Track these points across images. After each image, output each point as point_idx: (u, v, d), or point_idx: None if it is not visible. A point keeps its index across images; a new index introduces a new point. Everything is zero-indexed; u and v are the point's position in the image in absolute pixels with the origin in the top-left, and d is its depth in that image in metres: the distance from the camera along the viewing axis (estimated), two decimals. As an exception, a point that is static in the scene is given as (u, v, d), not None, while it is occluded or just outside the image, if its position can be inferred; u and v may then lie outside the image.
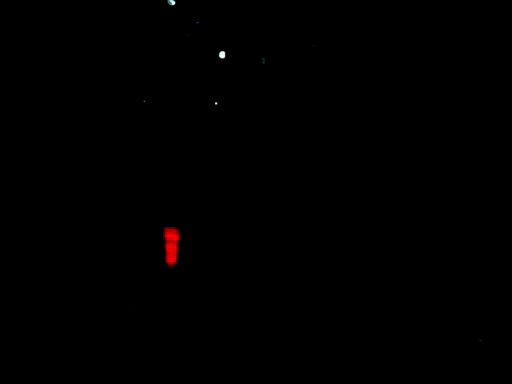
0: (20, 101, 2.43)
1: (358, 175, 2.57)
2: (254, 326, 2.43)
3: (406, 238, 2.53)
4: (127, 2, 2.48)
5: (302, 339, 2.40)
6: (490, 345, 2.35)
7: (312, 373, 2.33)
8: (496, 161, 2.54)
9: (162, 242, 2.49)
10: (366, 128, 2.59)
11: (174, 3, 2.51)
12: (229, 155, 2.56)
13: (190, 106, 2.55)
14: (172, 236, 2.50)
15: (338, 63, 2.59)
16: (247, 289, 2.50)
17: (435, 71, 2.61)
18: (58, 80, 2.44)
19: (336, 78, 2.59)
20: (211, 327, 2.42)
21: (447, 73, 2.60)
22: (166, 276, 2.48)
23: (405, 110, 2.59)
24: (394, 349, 2.39)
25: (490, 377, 2.29)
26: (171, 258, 2.48)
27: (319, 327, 2.44)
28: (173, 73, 2.54)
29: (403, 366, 2.34)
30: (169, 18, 2.52)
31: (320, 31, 2.58)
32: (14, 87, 2.42)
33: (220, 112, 2.57)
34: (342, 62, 2.59)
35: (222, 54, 2.56)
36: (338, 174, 2.57)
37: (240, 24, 2.56)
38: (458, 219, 2.52)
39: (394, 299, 2.47)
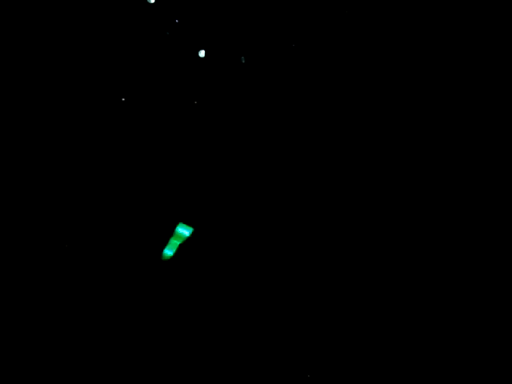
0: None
1: (338, 176, 2.57)
2: (253, 325, 2.46)
3: (406, 237, 2.51)
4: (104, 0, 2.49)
5: (302, 339, 2.42)
6: (490, 345, 2.35)
7: (312, 372, 2.36)
8: (496, 161, 2.49)
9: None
10: (349, 128, 2.57)
11: (153, 1, 2.50)
12: (209, 154, 2.58)
13: (170, 104, 2.57)
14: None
15: (319, 63, 2.56)
16: (247, 288, 2.52)
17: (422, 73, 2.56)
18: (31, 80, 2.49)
19: (316, 78, 2.56)
20: (211, 327, 2.45)
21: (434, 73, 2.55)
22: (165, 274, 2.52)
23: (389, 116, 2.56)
24: (394, 349, 2.40)
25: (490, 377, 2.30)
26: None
27: (319, 327, 2.44)
28: (151, 71, 2.55)
29: (403, 366, 2.36)
30: (148, 15, 2.52)
31: (300, 31, 2.54)
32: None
33: (200, 111, 2.58)
34: (322, 62, 2.56)
35: (202, 53, 2.54)
36: (318, 173, 2.57)
37: (220, 23, 2.54)
38: (457, 219, 2.49)
39: (394, 299, 2.47)
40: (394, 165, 2.54)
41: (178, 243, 2.44)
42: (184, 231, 2.46)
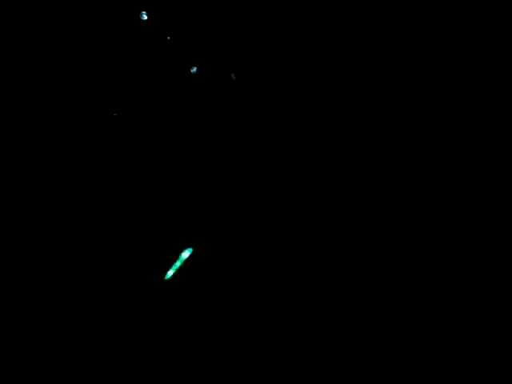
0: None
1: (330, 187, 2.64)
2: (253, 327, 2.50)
3: (406, 237, 2.56)
4: (99, 16, 2.53)
5: (302, 339, 2.46)
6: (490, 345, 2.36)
7: (312, 373, 2.40)
8: (496, 161, 2.53)
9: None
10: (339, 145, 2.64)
11: (146, 18, 2.55)
12: (199, 170, 2.66)
13: (162, 120, 2.63)
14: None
15: (309, 80, 2.62)
16: (248, 291, 2.57)
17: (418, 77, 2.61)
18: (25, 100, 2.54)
19: (306, 94, 2.63)
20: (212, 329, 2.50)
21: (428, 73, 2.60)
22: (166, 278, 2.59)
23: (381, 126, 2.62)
24: (393, 349, 2.42)
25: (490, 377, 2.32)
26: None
27: (319, 327, 2.48)
28: (143, 87, 2.61)
29: (403, 366, 2.38)
30: (141, 32, 2.57)
31: (290, 49, 2.59)
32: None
33: (191, 126, 2.65)
34: (312, 79, 2.62)
35: (194, 69, 2.61)
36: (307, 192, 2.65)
37: (211, 40, 2.59)
38: (457, 219, 2.54)
39: (394, 299, 2.50)
40: (393, 168, 2.61)
41: (178, 265, 2.56)
42: (185, 253, 2.58)
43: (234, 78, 2.60)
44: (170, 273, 2.56)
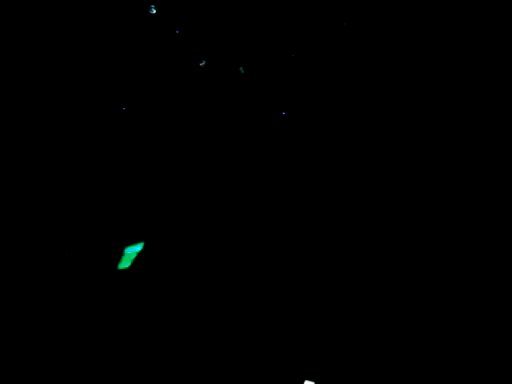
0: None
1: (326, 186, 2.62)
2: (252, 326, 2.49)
3: (405, 238, 2.54)
4: (108, 10, 2.54)
5: (302, 339, 2.44)
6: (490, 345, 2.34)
7: (312, 373, 2.38)
8: (496, 161, 2.51)
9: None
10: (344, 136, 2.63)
11: (155, 12, 2.56)
12: (207, 163, 2.65)
13: (170, 113, 2.64)
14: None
15: (317, 73, 2.61)
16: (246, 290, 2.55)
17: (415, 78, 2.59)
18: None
19: (314, 87, 2.62)
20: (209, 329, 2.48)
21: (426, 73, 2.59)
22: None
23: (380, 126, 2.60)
24: (394, 349, 2.40)
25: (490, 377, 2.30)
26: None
27: (319, 327, 2.47)
28: (152, 81, 2.61)
29: (403, 366, 2.36)
30: (149, 26, 2.57)
31: (298, 41, 2.58)
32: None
33: (199, 120, 2.65)
34: (321, 72, 2.61)
35: (203, 63, 2.61)
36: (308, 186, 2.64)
37: (220, 34, 2.59)
38: (457, 219, 2.51)
39: (394, 299, 2.48)
40: (393, 168, 2.60)
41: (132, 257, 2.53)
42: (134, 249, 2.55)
43: (242, 71, 2.60)
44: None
